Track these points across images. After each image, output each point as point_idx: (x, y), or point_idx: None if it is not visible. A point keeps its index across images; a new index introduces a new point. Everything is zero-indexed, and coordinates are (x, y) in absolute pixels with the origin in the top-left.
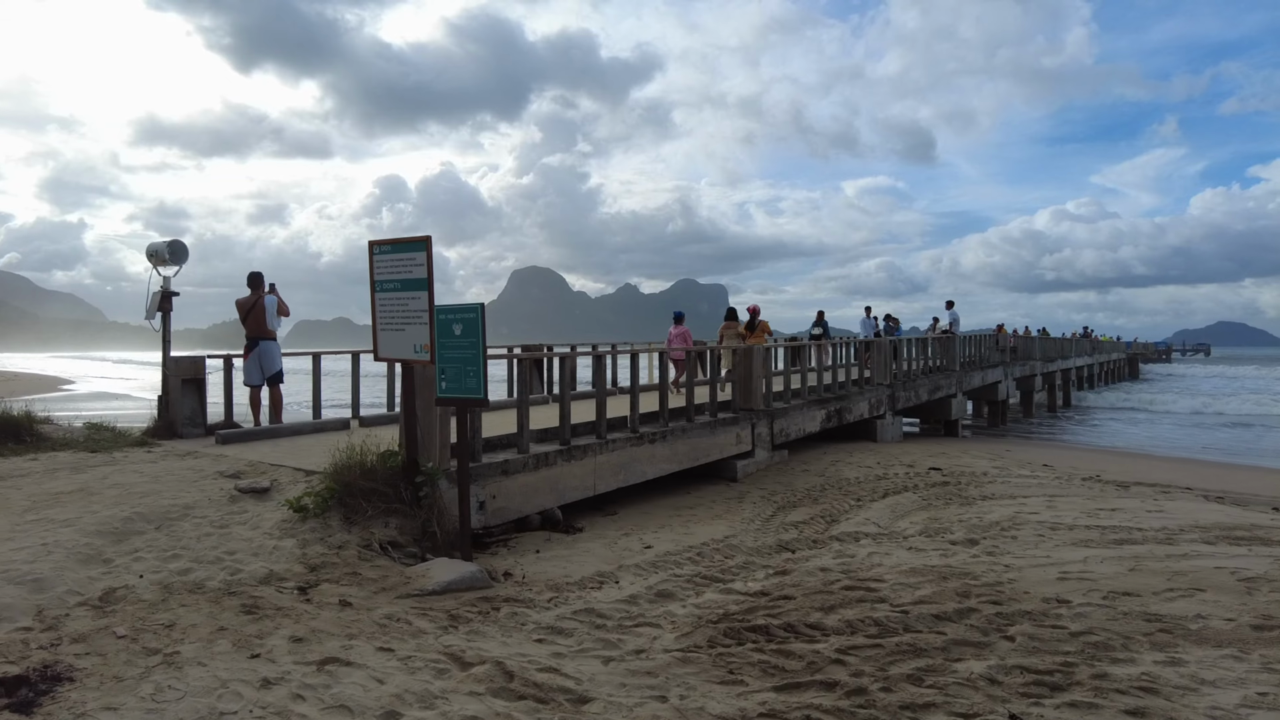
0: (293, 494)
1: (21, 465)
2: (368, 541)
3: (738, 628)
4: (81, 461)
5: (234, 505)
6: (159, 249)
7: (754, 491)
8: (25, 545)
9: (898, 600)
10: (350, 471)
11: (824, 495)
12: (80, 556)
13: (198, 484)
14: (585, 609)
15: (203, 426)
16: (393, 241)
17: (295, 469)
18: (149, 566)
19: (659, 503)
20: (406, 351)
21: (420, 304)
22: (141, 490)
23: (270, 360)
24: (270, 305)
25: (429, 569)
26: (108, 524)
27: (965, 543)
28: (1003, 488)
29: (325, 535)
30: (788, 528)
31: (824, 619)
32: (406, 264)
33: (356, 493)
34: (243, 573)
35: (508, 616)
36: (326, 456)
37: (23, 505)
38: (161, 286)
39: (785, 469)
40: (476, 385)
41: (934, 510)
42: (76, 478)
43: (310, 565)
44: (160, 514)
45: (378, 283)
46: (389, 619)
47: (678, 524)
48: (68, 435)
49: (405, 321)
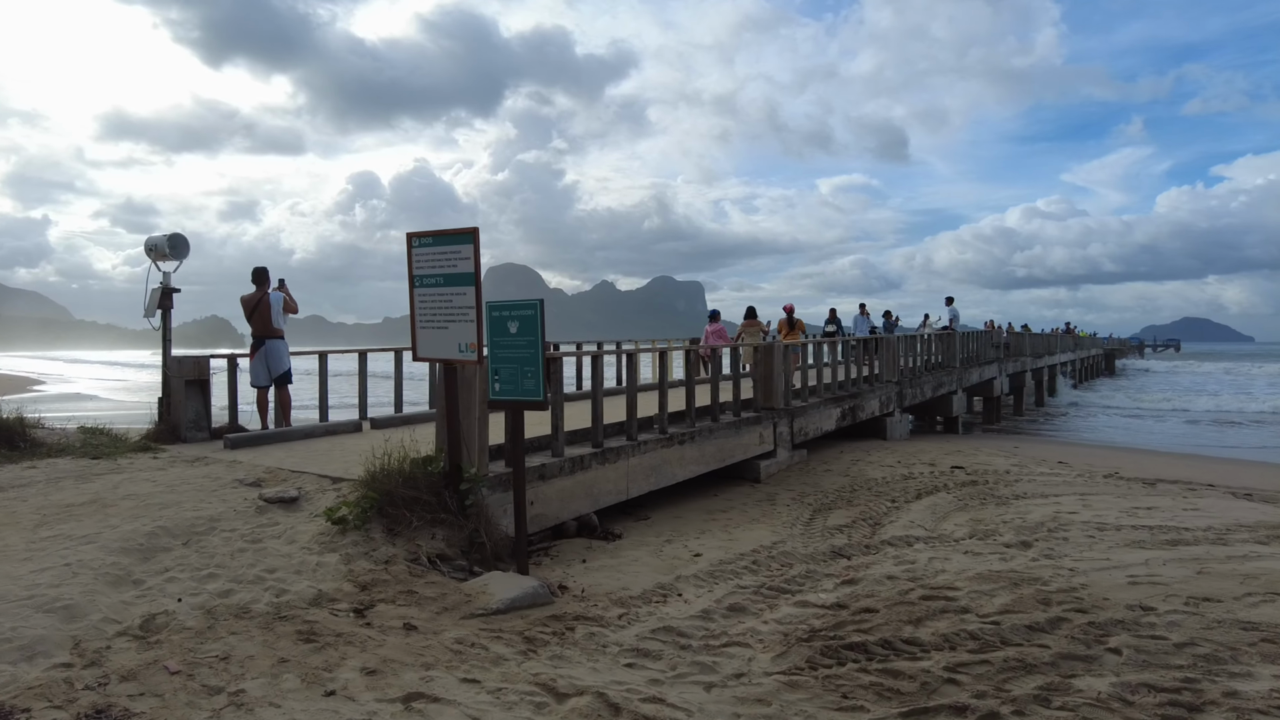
0: (324, 504)
1: (21, 474)
2: (415, 555)
3: (834, 646)
4: (85, 469)
5: (262, 517)
6: (158, 243)
7: (782, 493)
8: (46, 566)
9: (982, 610)
10: (389, 479)
11: (856, 496)
12: (108, 578)
13: (217, 493)
14: (662, 627)
15: (207, 430)
16: (435, 233)
17: (319, 476)
18: (185, 588)
19: (688, 506)
20: (449, 351)
21: (466, 300)
22: (159, 501)
23: (278, 360)
24: (276, 302)
25: (486, 585)
26: (131, 540)
27: (1018, 546)
28: (1031, 486)
29: (369, 549)
30: (832, 532)
31: (916, 633)
32: (450, 257)
33: (398, 502)
34: (289, 593)
35: (585, 637)
36: (349, 462)
37: (33, 520)
38: (161, 283)
39: (806, 469)
40: (535, 387)
41: (973, 511)
42: (85, 488)
43: (360, 583)
44: (185, 528)
45: (417, 278)
46: (460, 644)
47: (717, 529)
48: (63, 440)
49: (448, 319)
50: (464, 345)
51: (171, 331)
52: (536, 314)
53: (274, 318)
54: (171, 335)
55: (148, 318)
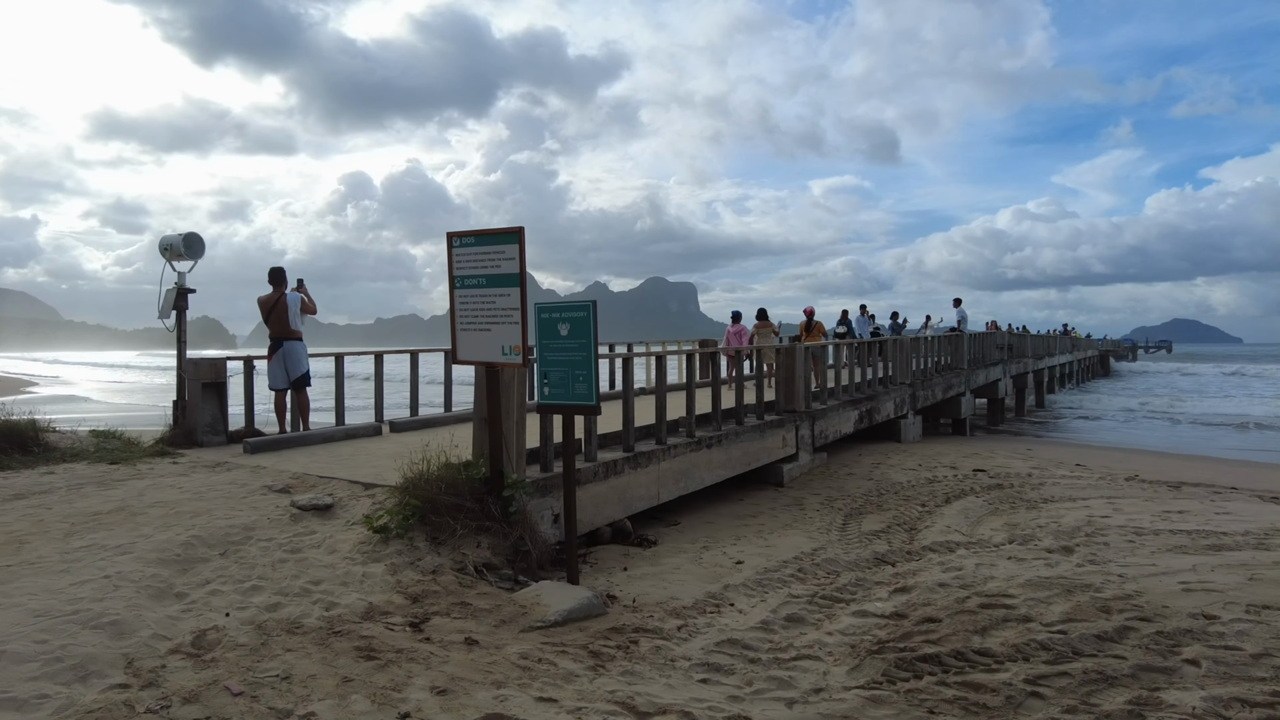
0: (359, 511)
1: (40, 480)
2: (461, 564)
3: (907, 658)
4: (105, 475)
5: (298, 525)
6: (173, 242)
7: (809, 498)
8: (85, 578)
9: (1044, 618)
10: (430, 486)
11: (884, 501)
12: (150, 591)
13: (247, 501)
14: (725, 639)
15: (224, 434)
16: (477, 233)
17: (350, 482)
18: (230, 601)
19: (716, 511)
20: (492, 353)
21: (510, 301)
22: (189, 509)
23: (296, 362)
24: (294, 303)
25: (539, 595)
26: (167, 551)
27: (1060, 551)
28: (1056, 489)
29: (414, 558)
30: (870, 538)
31: (985, 643)
32: (494, 257)
33: (441, 509)
34: (339, 606)
35: (651, 651)
36: (377, 467)
37: (62, 529)
38: (176, 283)
39: (828, 472)
40: (588, 391)
41: (1006, 515)
42: (109, 495)
43: (410, 595)
44: (220, 537)
45: (458, 278)
46: (526, 659)
47: (751, 535)
48: (76, 444)
49: (491, 321)
50: (508, 348)
51: (186, 333)
52: (589, 316)
53: (291, 319)
54: (186, 336)
55: (162, 319)
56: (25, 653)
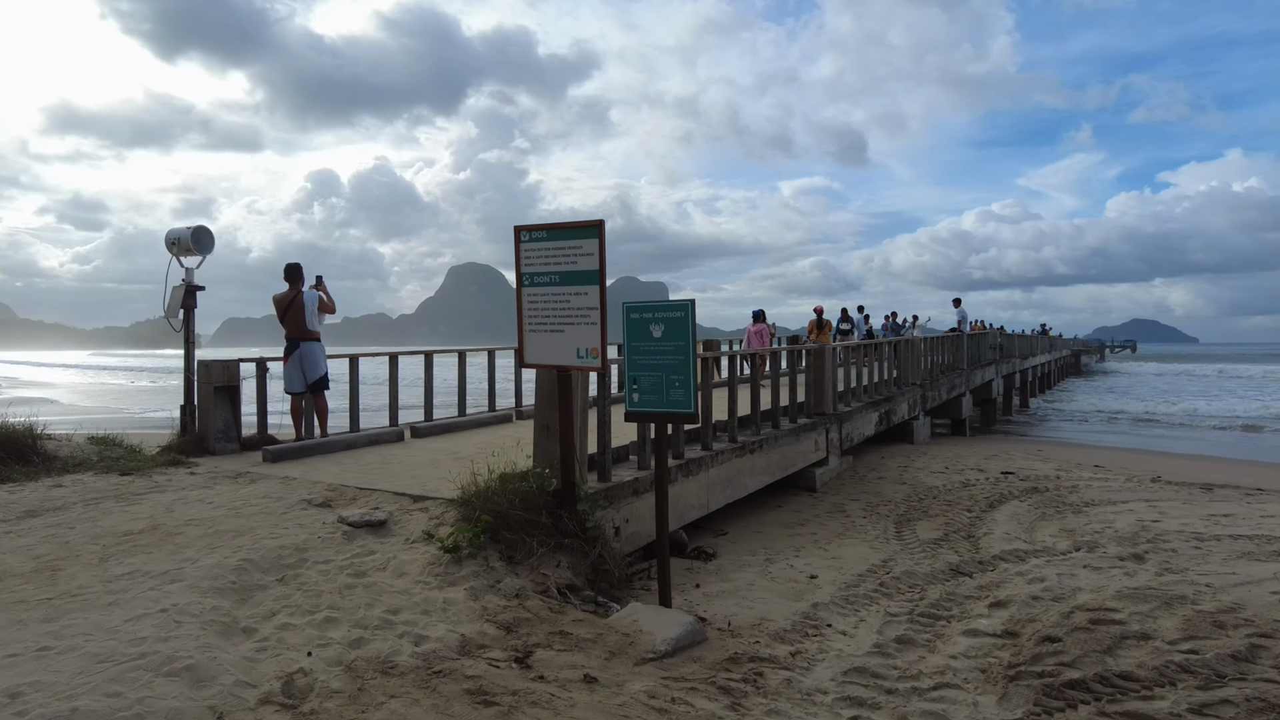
0: (415, 527)
1: (50, 494)
2: (543, 586)
3: (1053, 684)
4: (121, 488)
5: (353, 545)
6: (181, 236)
7: (849, 504)
8: (139, 612)
9: (1165, 636)
10: (497, 499)
11: (927, 506)
12: (216, 627)
13: (288, 516)
14: (851, 668)
15: (237, 441)
16: (549, 227)
17: (395, 494)
18: (307, 637)
19: (759, 519)
20: (565, 356)
21: (588, 300)
22: (228, 528)
23: (313, 364)
24: (311, 301)
25: (636, 621)
26: (220, 577)
27: (1131, 559)
28: (1092, 492)
29: (492, 581)
30: (932, 547)
31: (1119, 664)
32: (570, 253)
33: (514, 525)
34: (429, 640)
35: (782, 685)
36: (417, 477)
37: (94, 552)
38: (184, 280)
39: (856, 476)
40: (685, 398)
41: (1056, 520)
42: (134, 511)
43: (501, 624)
44: (273, 560)
45: (526, 275)
46: (655, 699)
47: (809, 545)
48: (76, 453)
49: (565, 321)
50: (583, 350)
51: (194, 333)
52: (687, 316)
53: (308, 318)
54: (195, 338)
55: (169, 319)
56: (100, 710)
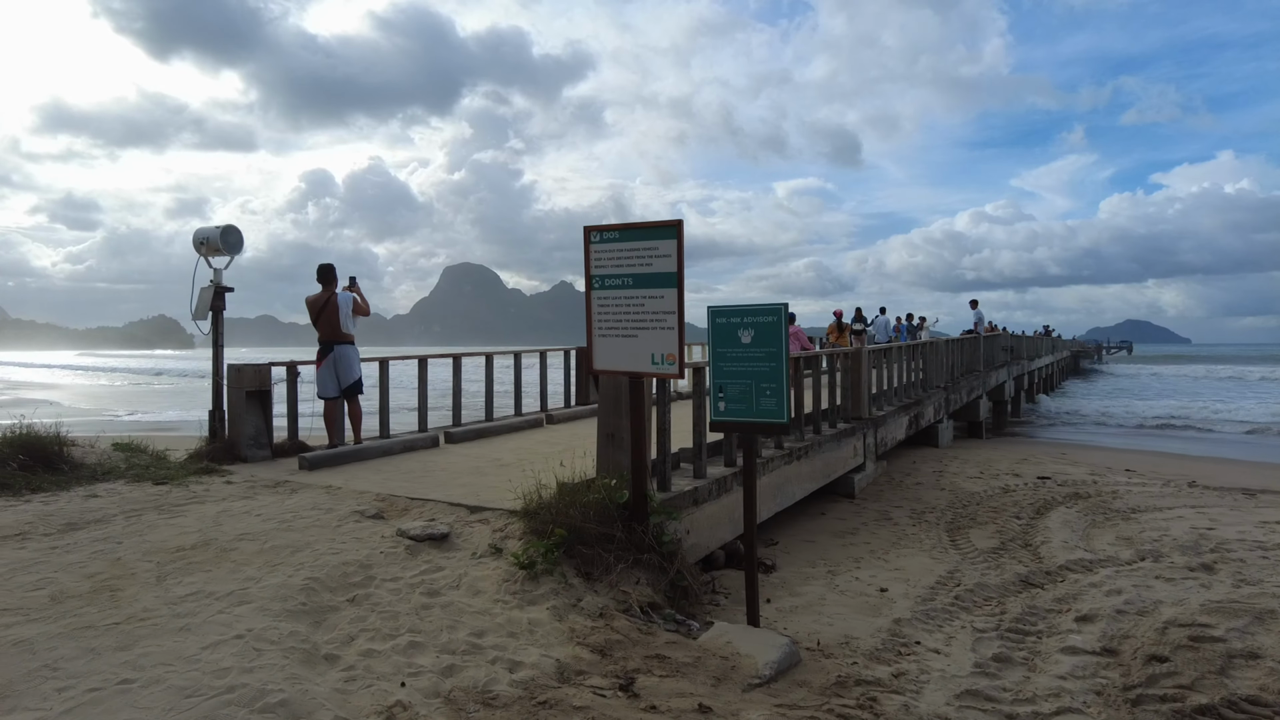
0: (479, 540)
1: (88, 506)
2: (625, 604)
3: (1182, 710)
4: (159, 499)
5: (418, 560)
6: (209, 236)
7: (893, 510)
8: (215, 638)
9: (1275, 654)
10: (574, 512)
11: (973, 513)
12: (298, 655)
13: (343, 530)
14: (963, 691)
15: (268, 447)
16: (621, 227)
17: (450, 505)
18: (395, 665)
19: (805, 527)
20: (639, 362)
21: (665, 304)
22: (284, 543)
23: (348, 368)
24: (345, 303)
25: (730, 643)
26: (288, 599)
27: (1201, 569)
28: (1134, 498)
29: (573, 599)
30: (992, 556)
31: (1240, 687)
32: (645, 254)
33: (589, 539)
34: (523, 666)
35: (900, 711)
36: (469, 485)
37: (149, 571)
38: (212, 280)
39: (892, 482)
40: (777, 407)
41: (1109, 528)
42: (180, 525)
43: (593, 647)
44: (339, 579)
45: (596, 278)
46: None
47: (866, 555)
48: (104, 460)
49: (639, 325)
50: (659, 356)
51: (222, 335)
52: (779, 321)
53: (343, 321)
54: (223, 337)
55: (196, 320)
56: None
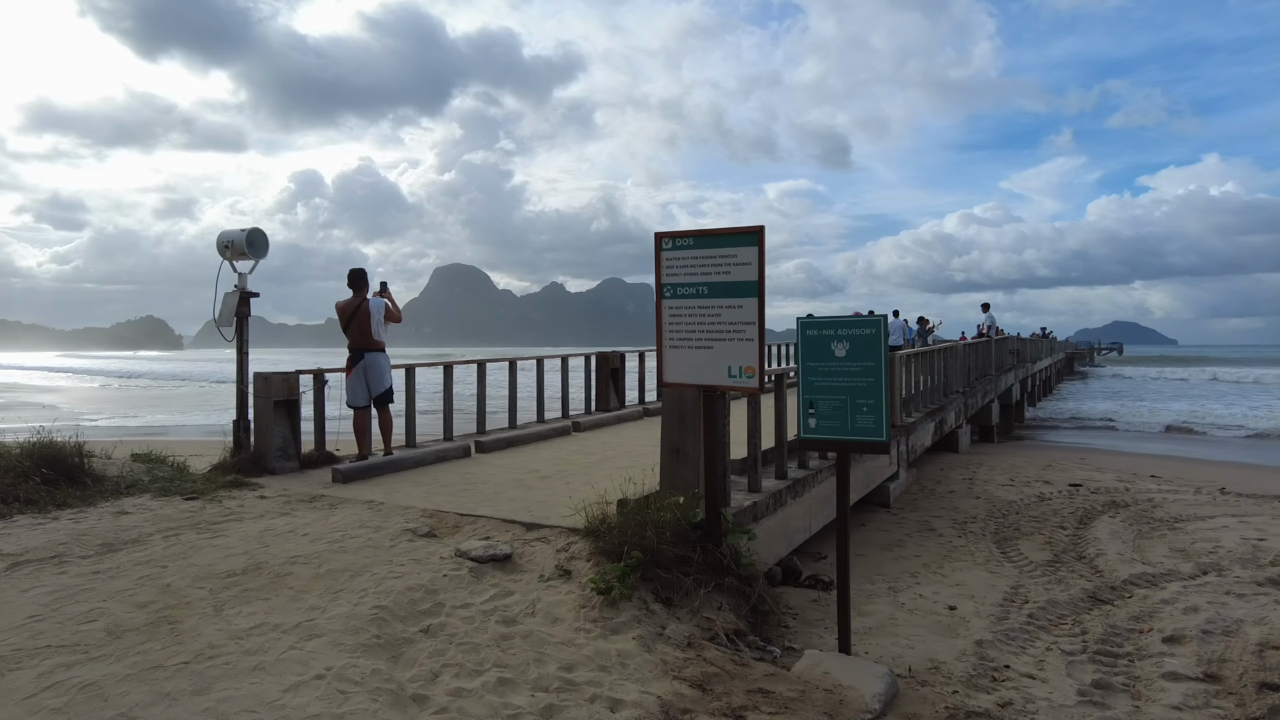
0: (542, 561)
1: (121, 525)
2: (710, 632)
3: None
4: (193, 516)
5: (485, 584)
6: (234, 239)
7: (933, 520)
8: (295, 680)
9: None
10: (649, 532)
11: (1016, 523)
12: (386, 696)
13: (398, 550)
14: None
15: (296, 459)
16: (696, 233)
17: (503, 521)
18: (490, 706)
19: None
20: (714, 375)
21: (744, 314)
22: (340, 566)
23: (379, 376)
24: (377, 309)
25: (829, 674)
26: (359, 630)
27: (1269, 583)
28: (1173, 507)
29: (657, 628)
30: (1050, 570)
31: None
32: (721, 262)
33: (666, 561)
34: (625, 705)
35: None
36: (517, 500)
37: (204, 599)
38: (236, 285)
39: (924, 490)
40: (875, 425)
41: (1158, 539)
42: (224, 546)
43: (691, 681)
44: (407, 606)
45: (668, 287)
46: None
47: (921, 570)
48: (124, 472)
49: (715, 337)
50: (737, 369)
51: (247, 342)
52: (878, 334)
53: (374, 328)
54: (247, 344)
55: (220, 328)
56: None
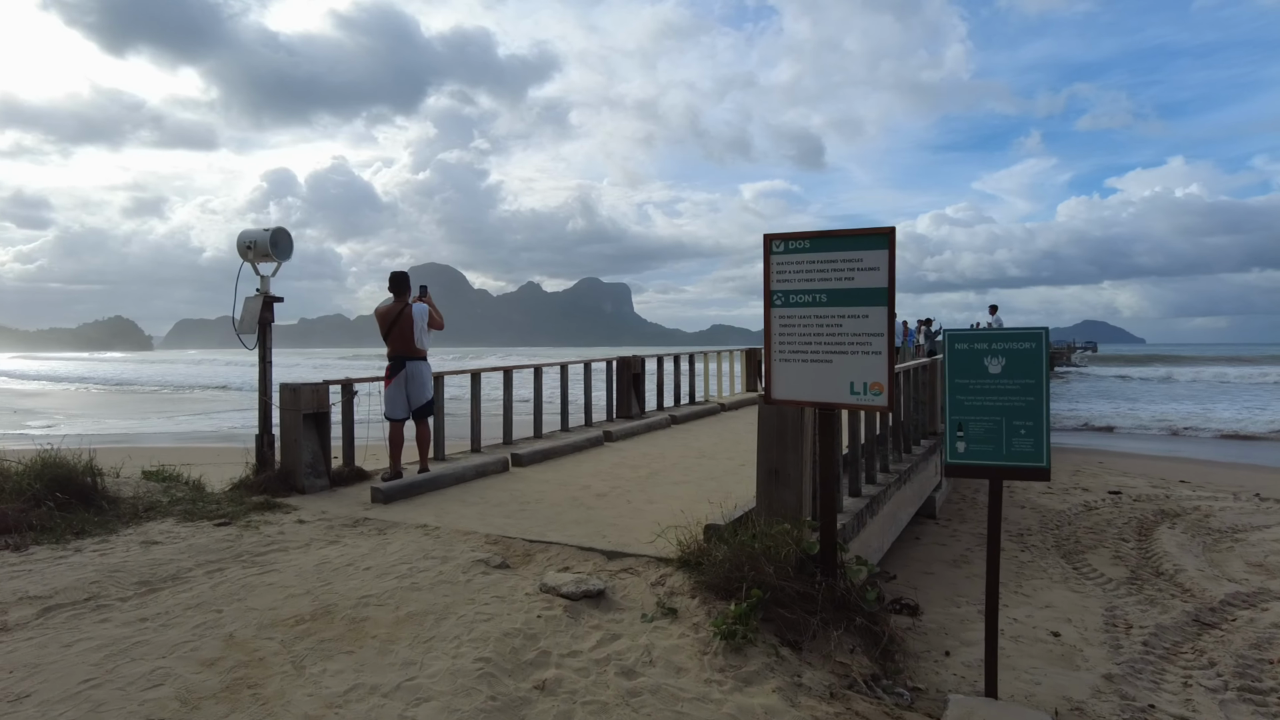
0: (639, 597)
1: (152, 556)
2: (848, 679)
3: None
4: (231, 545)
5: (583, 626)
6: (257, 239)
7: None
8: None
9: None
10: (765, 566)
11: (1074, 534)
12: None
13: (472, 584)
14: None
15: (326, 476)
16: (814, 235)
17: (577, 548)
18: None
19: (910, 555)
20: (834, 391)
21: (870, 324)
22: (418, 607)
23: (420, 387)
24: (420, 316)
25: None
26: (469, 691)
27: None
28: (1226, 517)
29: (792, 677)
30: (1133, 587)
31: None
32: (844, 267)
33: (787, 599)
34: None
35: None
36: (585, 523)
37: (276, 652)
38: (259, 289)
39: (965, 499)
40: (1035, 449)
41: (1227, 551)
42: (278, 583)
43: None
44: (508, 655)
45: (779, 294)
46: None
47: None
48: (139, 492)
49: (834, 349)
50: (861, 385)
51: (270, 350)
52: (1040, 348)
53: (417, 335)
54: (271, 352)
55: (241, 335)
56: None
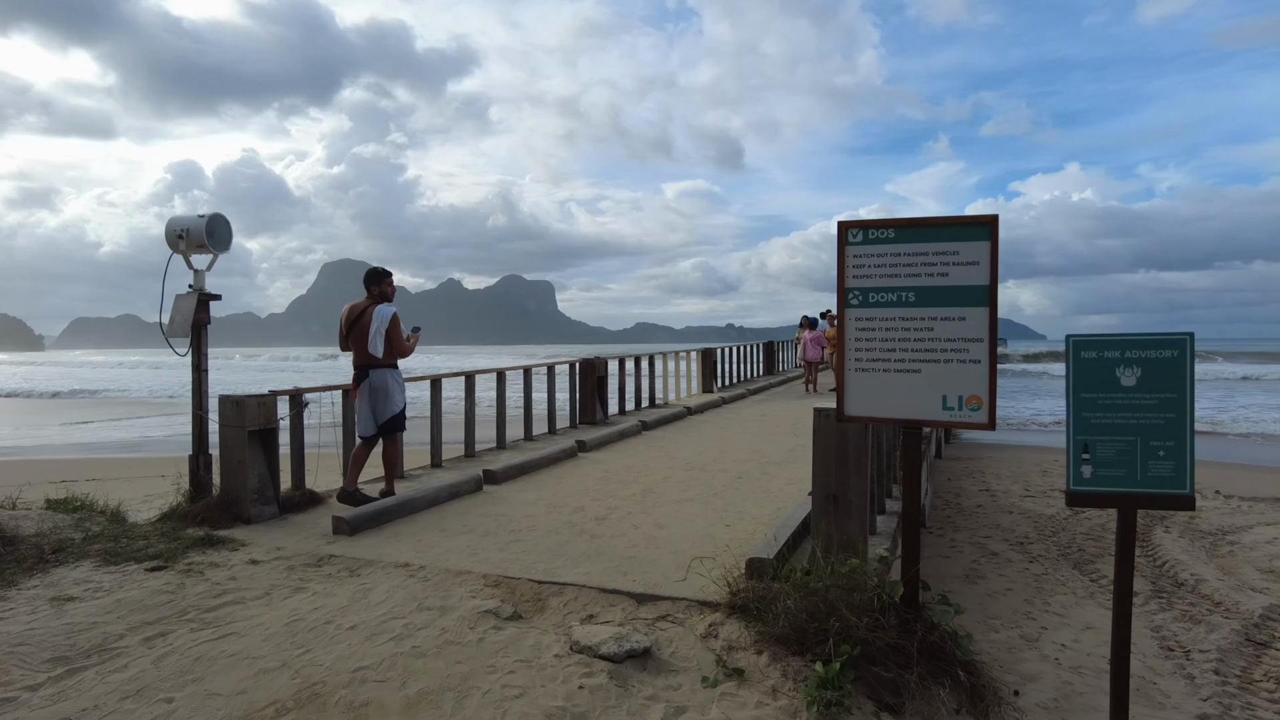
0: (688, 653)
1: (69, 619)
2: None
3: None
4: (169, 598)
5: (635, 697)
6: (190, 228)
7: (986, 541)
8: None
9: None
10: (847, 613)
11: (1071, 539)
12: None
13: (485, 645)
14: None
15: (275, 502)
16: (900, 223)
17: (599, 590)
18: None
19: (933, 564)
20: (923, 407)
21: (968, 328)
22: (432, 685)
23: (385, 400)
24: (380, 318)
25: None
26: None
27: None
28: (1209, 518)
29: None
30: (1164, 602)
31: None
32: (936, 261)
33: (877, 654)
34: None
35: None
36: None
37: None
38: (192, 285)
39: (948, 504)
40: (1176, 474)
41: (1228, 555)
42: (243, 654)
43: None
44: None
45: (856, 291)
46: None
47: (1033, 611)
48: (43, 526)
49: (924, 357)
50: (957, 399)
51: (205, 357)
52: (1184, 356)
53: (371, 339)
54: (206, 359)
55: (171, 339)
56: None
